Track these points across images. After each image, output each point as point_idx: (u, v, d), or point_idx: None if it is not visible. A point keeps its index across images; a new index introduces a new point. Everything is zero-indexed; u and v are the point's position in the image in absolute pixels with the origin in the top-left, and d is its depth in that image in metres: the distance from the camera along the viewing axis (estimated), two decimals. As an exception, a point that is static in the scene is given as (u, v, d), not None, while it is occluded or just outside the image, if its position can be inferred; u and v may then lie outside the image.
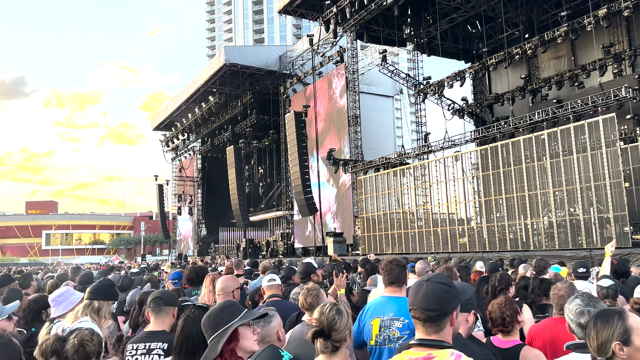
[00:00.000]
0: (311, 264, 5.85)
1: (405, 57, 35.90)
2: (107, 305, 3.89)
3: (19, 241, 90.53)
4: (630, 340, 1.91)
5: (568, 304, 2.88)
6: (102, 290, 3.87)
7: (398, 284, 3.61)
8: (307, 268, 5.62)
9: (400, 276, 3.63)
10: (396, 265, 3.66)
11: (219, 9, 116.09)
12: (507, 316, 3.31)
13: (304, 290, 3.84)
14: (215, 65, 36.08)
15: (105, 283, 3.99)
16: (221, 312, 2.30)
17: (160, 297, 3.40)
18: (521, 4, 26.52)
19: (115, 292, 4.04)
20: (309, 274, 5.53)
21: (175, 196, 51.55)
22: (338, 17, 25.33)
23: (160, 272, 10.64)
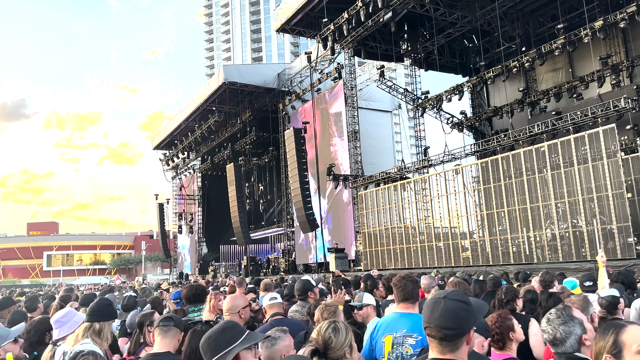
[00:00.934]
0: (309, 281, 5.76)
1: (403, 72, 36.15)
2: (108, 325, 3.82)
3: (20, 263, 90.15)
4: (621, 355, 1.89)
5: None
6: (101, 311, 3.80)
7: (411, 300, 3.54)
8: (304, 285, 5.54)
9: (414, 292, 3.57)
10: (409, 282, 3.60)
11: (218, 29, 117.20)
12: (497, 333, 3.26)
13: (321, 306, 3.81)
14: (215, 84, 36.27)
15: (103, 303, 3.91)
16: (222, 334, 2.22)
17: (171, 317, 3.35)
18: (517, 18, 26.73)
19: (113, 310, 3.95)
20: (306, 292, 5.44)
21: (175, 215, 51.42)
22: (335, 34, 25.52)
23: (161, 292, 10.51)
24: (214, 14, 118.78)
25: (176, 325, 3.29)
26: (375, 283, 6.49)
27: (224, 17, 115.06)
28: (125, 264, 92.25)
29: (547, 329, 2.44)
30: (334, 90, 30.29)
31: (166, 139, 48.13)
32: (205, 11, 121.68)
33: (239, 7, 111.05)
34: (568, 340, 2.37)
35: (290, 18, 28.48)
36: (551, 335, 2.42)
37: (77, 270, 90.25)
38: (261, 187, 40.13)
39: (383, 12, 22.71)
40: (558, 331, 2.40)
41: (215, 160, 44.14)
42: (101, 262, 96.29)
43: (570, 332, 2.37)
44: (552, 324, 2.42)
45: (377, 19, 23.41)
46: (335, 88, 30.11)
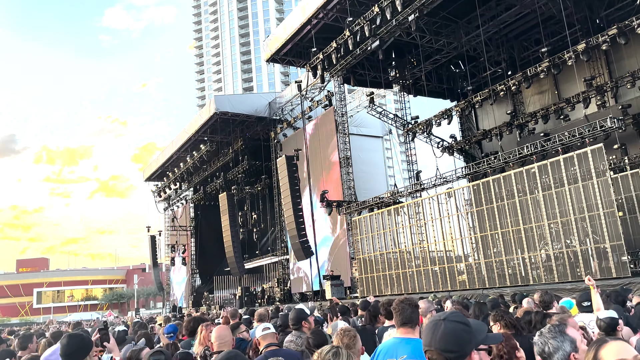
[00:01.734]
0: (302, 310, 5.69)
1: (393, 97, 36.59)
2: (90, 358, 3.69)
3: (9, 301, 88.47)
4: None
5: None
6: (75, 349, 3.65)
7: (410, 324, 3.49)
8: (298, 315, 5.46)
9: (413, 316, 3.51)
10: (408, 305, 3.56)
11: (208, 60, 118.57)
12: (505, 353, 3.24)
13: (340, 331, 3.75)
14: (206, 115, 36.48)
15: (74, 340, 3.71)
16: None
17: (162, 351, 3.28)
18: (502, 43, 27.32)
19: (87, 343, 3.77)
20: (300, 321, 5.37)
21: (168, 247, 50.93)
22: (324, 63, 25.90)
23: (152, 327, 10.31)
24: (204, 45, 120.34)
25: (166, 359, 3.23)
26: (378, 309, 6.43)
27: (214, 49, 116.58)
28: (118, 299, 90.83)
29: (538, 342, 2.46)
30: (324, 117, 30.55)
31: (157, 170, 48.05)
32: (195, 43, 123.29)
33: (229, 39, 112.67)
34: (555, 355, 2.36)
35: (280, 48, 28.91)
36: (540, 349, 2.43)
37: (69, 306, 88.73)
38: (254, 216, 39.99)
39: (370, 41, 23.13)
40: (547, 345, 2.40)
41: (207, 190, 44.05)
42: (93, 298, 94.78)
43: (558, 348, 2.37)
44: (543, 337, 2.44)
45: (364, 48, 23.82)
46: (326, 115, 30.38)
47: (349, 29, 23.25)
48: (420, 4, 20.33)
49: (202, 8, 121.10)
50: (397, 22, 21.66)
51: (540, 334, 2.49)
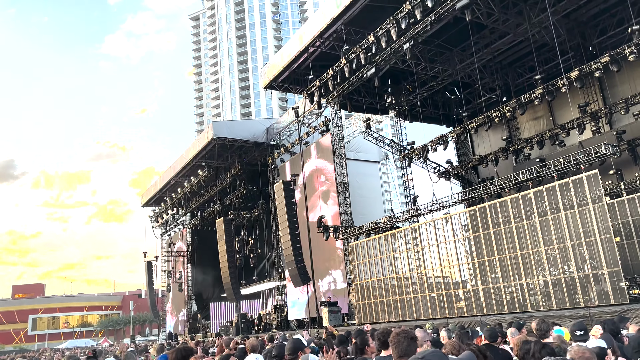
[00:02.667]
0: (300, 340, 5.63)
1: (389, 123, 36.85)
2: None
3: (4, 328, 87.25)
4: None
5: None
6: None
7: (406, 357, 3.45)
8: (295, 345, 5.40)
9: (409, 349, 3.46)
10: (404, 338, 3.50)
11: (207, 87, 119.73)
12: None
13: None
14: (204, 140, 36.67)
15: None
16: None
17: None
18: (496, 70, 27.70)
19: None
20: (296, 351, 5.30)
21: (164, 272, 50.54)
22: (321, 90, 26.20)
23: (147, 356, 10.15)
24: (203, 72, 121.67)
25: None
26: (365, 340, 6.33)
27: (213, 75, 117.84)
28: (113, 325, 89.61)
29: None
30: (321, 143, 30.72)
31: (155, 195, 48.03)
32: (194, 70, 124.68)
33: (228, 66, 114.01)
34: None
35: (277, 75, 29.26)
36: None
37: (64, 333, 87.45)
38: (251, 241, 39.82)
39: (366, 69, 23.45)
40: None
41: (204, 215, 43.95)
42: (88, 324, 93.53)
43: None
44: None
45: (360, 75, 24.13)
46: (323, 141, 30.55)
47: (345, 56, 23.59)
48: (415, 33, 20.68)
49: (202, 36, 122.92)
50: (392, 50, 22.00)
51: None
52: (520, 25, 22.67)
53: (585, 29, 24.11)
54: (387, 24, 21.02)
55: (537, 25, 22.27)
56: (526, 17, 22.09)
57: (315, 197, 31.21)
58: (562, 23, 22.94)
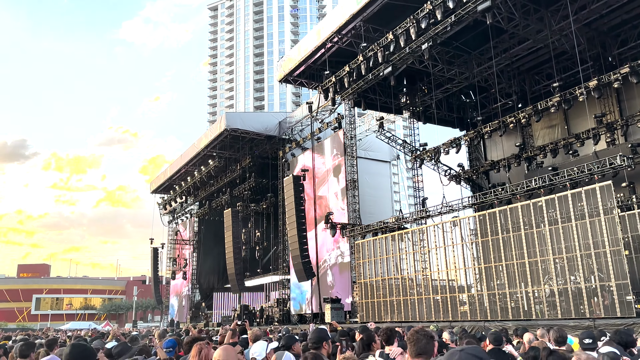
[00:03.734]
0: (325, 330, 5.57)
1: (402, 123, 36.76)
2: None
3: (8, 305, 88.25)
4: None
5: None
6: (80, 358, 3.62)
7: (425, 355, 3.43)
8: (319, 335, 5.31)
9: (428, 347, 3.43)
10: (423, 336, 3.48)
11: (222, 77, 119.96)
12: None
13: (340, 357, 3.67)
14: (216, 130, 36.79)
15: (77, 350, 3.68)
16: None
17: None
18: (514, 75, 27.50)
19: (91, 351, 3.75)
20: (321, 341, 5.22)
21: (170, 260, 50.85)
22: (336, 86, 26.16)
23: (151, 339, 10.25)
24: (218, 63, 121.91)
25: None
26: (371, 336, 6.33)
27: (228, 67, 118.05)
28: (116, 310, 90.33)
29: None
30: (333, 140, 30.71)
31: (165, 182, 48.29)
32: (210, 60, 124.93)
33: (244, 57, 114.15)
34: None
35: (293, 70, 29.25)
36: None
37: (66, 314, 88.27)
38: (258, 234, 39.94)
39: (383, 67, 23.37)
40: None
41: (213, 205, 44.14)
42: (91, 307, 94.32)
43: None
44: None
45: (377, 73, 24.05)
46: (335, 137, 30.55)
47: (362, 54, 23.53)
48: (435, 34, 20.57)
49: (219, 26, 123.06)
50: (410, 50, 21.90)
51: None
52: (540, 32, 22.48)
53: (606, 38, 23.86)
54: (407, 23, 20.93)
55: (558, 32, 22.07)
56: (547, 24, 21.90)
57: (324, 192, 31.21)
58: (583, 32, 22.72)
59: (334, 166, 30.45)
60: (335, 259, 29.64)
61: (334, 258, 29.73)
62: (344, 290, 28.20)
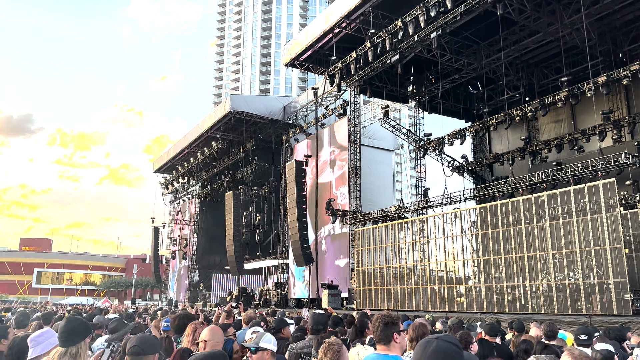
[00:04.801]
0: (325, 314, 5.59)
1: (407, 112, 36.56)
2: (85, 344, 3.63)
3: (9, 278, 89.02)
4: None
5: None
6: (74, 333, 3.59)
7: (384, 342, 3.44)
8: (321, 319, 5.32)
9: (384, 334, 3.43)
10: (380, 323, 3.47)
11: (228, 59, 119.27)
12: None
13: (325, 344, 3.65)
14: (221, 112, 36.67)
15: (74, 323, 3.65)
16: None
17: (137, 345, 3.20)
18: (522, 68, 27.24)
19: (86, 326, 3.73)
20: (325, 327, 5.22)
21: (170, 240, 51.08)
22: (343, 72, 25.96)
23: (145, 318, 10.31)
24: (225, 44, 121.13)
25: (146, 352, 3.16)
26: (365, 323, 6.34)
27: (235, 49, 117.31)
28: (116, 287, 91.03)
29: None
30: (337, 126, 30.57)
31: (168, 162, 48.31)
32: (217, 41, 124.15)
33: (251, 40, 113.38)
34: None
35: (300, 54, 29.03)
36: None
37: (67, 289, 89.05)
38: (259, 217, 40.00)
39: (390, 55, 23.16)
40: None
41: (214, 187, 44.18)
42: (91, 283, 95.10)
43: None
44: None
45: (384, 61, 23.85)
46: (339, 124, 30.41)
47: (370, 40, 23.30)
48: (444, 22, 20.33)
49: (227, 7, 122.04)
50: (419, 38, 21.67)
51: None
52: (551, 25, 22.19)
53: (618, 34, 23.55)
54: (417, 11, 20.68)
55: (569, 26, 21.78)
56: (558, 17, 21.61)
57: (325, 179, 31.17)
58: (595, 26, 22.42)
59: (331, 160, 30.36)
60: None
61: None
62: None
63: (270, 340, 3.81)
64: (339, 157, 30.05)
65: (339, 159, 30.08)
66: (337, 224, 28.99)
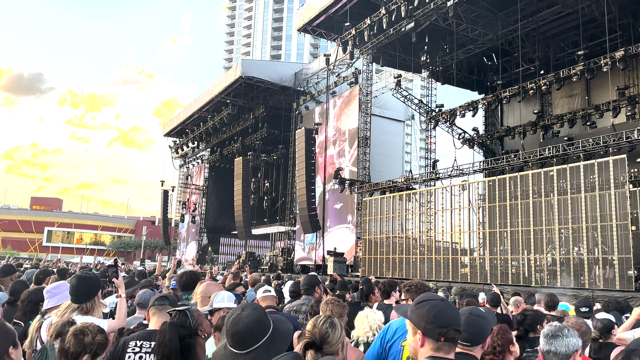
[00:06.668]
0: (315, 276, 5.83)
1: (419, 83, 36.17)
2: (98, 299, 3.78)
3: (20, 235, 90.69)
4: None
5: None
6: (86, 290, 3.70)
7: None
8: (311, 280, 5.55)
9: None
10: (420, 290, 3.61)
11: (239, 23, 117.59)
12: (498, 345, 3.30)
13: (329, 299, 3.79)
14: (231, 77, 36.45)
15: (84, 283, 3.69)
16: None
17: (166, 296, 3.38)
18: (538, 40, 26.70)
19: (97, 281, 3.86)
20: (313, 287, 5.45)
21: (179, 203, 51.63)
22: (356, 40, 25.60)
23: (157, 277, 10.58)
24: (237, 7, 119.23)
25: (171, 305, 3.32)
26: (371, 288, 6.52)
27: (247, 12, 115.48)
28: (125, 247, 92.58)
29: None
30: (348, 95, 30.37)
31: (178, 126, 48.39)
32: (229, 4, 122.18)
33: (263, 3, 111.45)
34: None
35: (313, 19, 28.59)
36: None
37: (76, 248, 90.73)
38: (267, 184, 40.25)
39: (405, 22, 22.77)
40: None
41: (224, 153, 44.34)
42: (101, 243, 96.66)
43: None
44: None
45: (399, 28, 23.47)
46: (350, 92, 30.19)
47: (385, 7, 22.90)
48: (461, -9, 19.90)
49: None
50: (435, 6, 21.27)
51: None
52: (571, -4, 21.64)
53: (639, 8, 22.93)
54: (433, -22, 20.24)
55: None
56: (579, -12, 21.06)
57: (334, 147, 31.16)
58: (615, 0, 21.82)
59: (347, 122, 30.24)
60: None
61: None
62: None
63: (224, 298, 3.85)
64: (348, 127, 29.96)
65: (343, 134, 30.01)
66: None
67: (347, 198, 29.25)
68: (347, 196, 29.11)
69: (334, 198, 30.46)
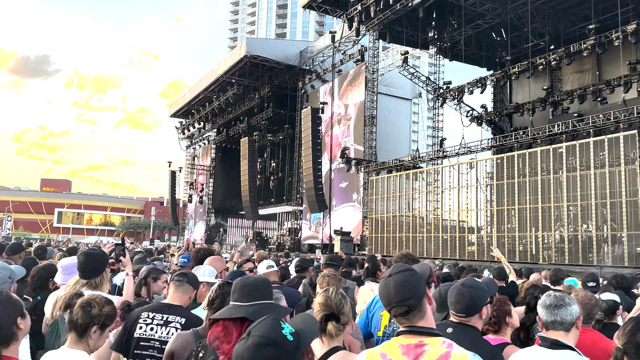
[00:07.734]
0: (309, 260, 5.97)
1: (427, 60, 35.72)
2: (106, 274, 3.81)
3: (31, 217, 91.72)
4: None
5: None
6: (93, 266, 3.74)
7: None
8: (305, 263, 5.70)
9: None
10: (408, 259, 3.66)
11: (244, 1, 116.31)
12: (494, 316, 3.30)
13: (327, 274, 3.86)
14: (236, 56, 36.17)
15: (91, 259, 3.72)
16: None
17: (185, 273, 3.40)
18: (549, 15, 26.15)
19: (103, 258, 3.88)
20: (305, 269, 5.58)
21: (187, 184, 51.85)
22: (362, 16, 25.20)
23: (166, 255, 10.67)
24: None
25: (190, 282, 3.32)
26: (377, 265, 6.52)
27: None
28: (134, 228, 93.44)
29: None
30: (355, 73, 30.06)
31: (184, 107, 48.30)
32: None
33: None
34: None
35: (319, -6, 28.16)
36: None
37: (87, 229, 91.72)
38: (273, 164, 40.22)
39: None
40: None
41: (230, 133, 44.27)
42: (110, 224, 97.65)
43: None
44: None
45: (405, 3, 23.09)
46: (356, 70, 29.88)
47: (391, -18, 22.47)
48: (469, -36, 19.45)
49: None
50: (442, -19, 20.83)
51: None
52: (583, -32, 21.10)
53: (653, -20, 22.34)
54: (441, -48, 19.78)
55: (602, -31, 20.70)
56: (591, -40, 20.52)
57: (341, 127, 31.00)
58: (630, -30, 21.27)
59: (353, 100, 30.00)
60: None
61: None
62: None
63: (204, 272, 3.82)
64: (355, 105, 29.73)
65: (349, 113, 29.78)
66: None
67: (352, 176, 29.18)
68: (352, 174, 29.04)
69: (339, 177, 30.40)
